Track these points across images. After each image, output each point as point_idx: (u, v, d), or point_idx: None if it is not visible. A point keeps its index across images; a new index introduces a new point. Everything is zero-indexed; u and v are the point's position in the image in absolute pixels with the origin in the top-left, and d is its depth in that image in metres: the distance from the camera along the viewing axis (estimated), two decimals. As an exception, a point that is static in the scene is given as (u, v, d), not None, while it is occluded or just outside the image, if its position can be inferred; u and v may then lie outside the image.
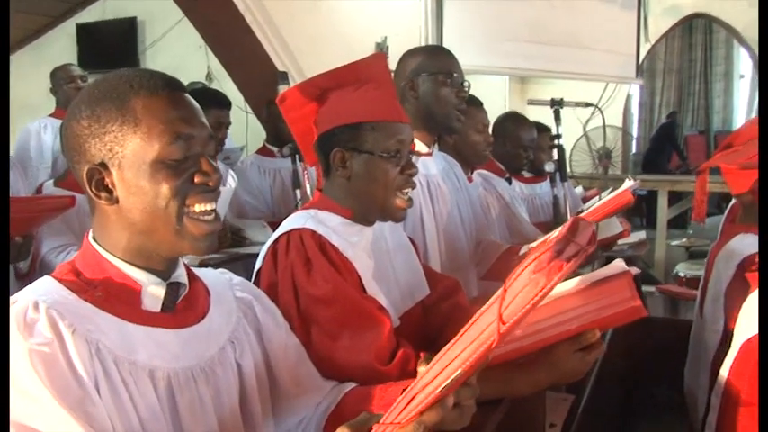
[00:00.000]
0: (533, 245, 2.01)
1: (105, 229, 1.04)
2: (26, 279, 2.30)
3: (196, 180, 1.03)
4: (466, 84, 2.02)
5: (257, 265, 1.47)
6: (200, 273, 1.19)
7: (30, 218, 1.95)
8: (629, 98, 8.25)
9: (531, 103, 2.45)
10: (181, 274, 1.10)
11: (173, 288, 1.07)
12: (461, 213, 2.13)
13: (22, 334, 0.91)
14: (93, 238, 1.06)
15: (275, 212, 3.22)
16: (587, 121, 6.84)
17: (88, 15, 5.63)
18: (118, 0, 5.51)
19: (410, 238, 1.74)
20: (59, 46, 5.66)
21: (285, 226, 1.47)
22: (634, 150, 9.52)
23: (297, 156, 2.77)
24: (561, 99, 2.36)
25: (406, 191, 1.50)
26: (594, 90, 6.07)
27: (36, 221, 2.01)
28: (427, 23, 4.97)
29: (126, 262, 1.04)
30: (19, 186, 2.30)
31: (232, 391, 1.13)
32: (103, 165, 1.00)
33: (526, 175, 3.34)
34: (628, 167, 8.06)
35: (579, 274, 1.24)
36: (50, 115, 3.83)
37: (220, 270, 1.27)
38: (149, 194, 1.00)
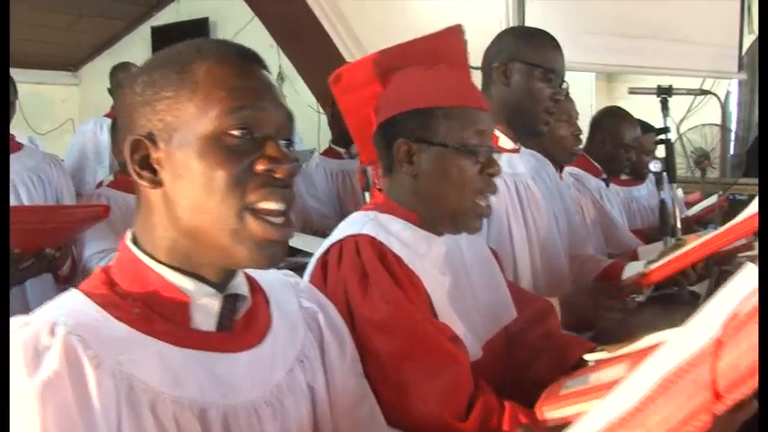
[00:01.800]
0: (640, 265, 1.69)
1: (147, 224, 0.82)
2: (68, 283, 2.15)
3: (258, 167, 0.79)
4: (565, 85, 1.73)
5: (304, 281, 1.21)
6: (259, 276, 0.94)
7: (57, 228, 1.78)
8: (727, 95, 7.66)
9: (632, 92, 2.10)
10: (240, 284, 0.86)
11: (230, 301, 0.84)
12: (557, 221, 1.82)
13: (27, 368, 0.69)
14: (134, 240, 0.84)
15: (344, 218, 2.98)
16: (681, 120, 6.34)
17: (162, 18, 5.58)
18: (190, 1, 5.44)
19: (492, 250, 1.45)
20: (135, 50, 5.63)
21: (338, 232, 1.21)
22: (732, 152, 8.85)
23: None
24: (670, 86, 2.01)
25: (485, 195, 1.21)
26: (689, 87, 5.59)
27: (66, 232, 1.84)
28: (508, 16, 4.68)
29: (171, 268, 0.81)
30: (61, 186, 2.13)
31: (304, 425, 0.88)
32: (151, 137, 0.80)
33: (623, 176, 2.98)
34: (727, 170, 7.48)
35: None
36: (106, 115, 3.75)
37: (284, 272, 1.01)
38: (200, 180, 0.78)
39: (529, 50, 1.73)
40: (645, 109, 2.94)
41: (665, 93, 2.02)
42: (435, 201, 1.22)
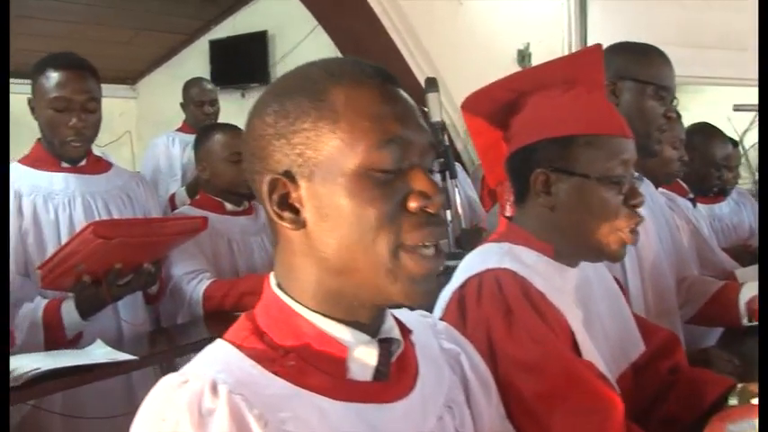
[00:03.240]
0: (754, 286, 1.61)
1: (290, 267, 0.77)
2: (155, 302, 2.14)
3: (411, 205, 0.73)
4: (675, 101, 1.66)
5: (435, 316, 1.16)
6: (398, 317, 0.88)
7: (158, 242, 1.76)
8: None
9: (737, 109, 2.01)
10: (392, 327, 0.80)
11: (384, 347, 0.78)
12: (663, 243, 1.74)
13: (195, 431, 0.65)
14: (278, 285, 0.78)
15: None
16: (745, 131, 6.16)
17: (220, 31, 5.62)
18: (248, 14, 5.46)
19: (615, 278, 1.39)
20: (193, 63, 5.68)
21: (473, 264, 1.15)
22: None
23: (447, 172, 2.45)
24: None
25: (629, 227, 1.15)
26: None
27: (166, 246, 1.83)
28: (570, 28, 4.62)
29: (323, 315, 0.75)
30: (149, 205, 2.12)
31: None
32: (289, 175, 0.73)
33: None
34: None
35: None
36: (177, 129, 3.76)
37: (419, 312, 0.96)
38: (348, 219, 0.72)
39: (638, 66, 1.65)
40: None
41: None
42: (575, 233, 1.15)
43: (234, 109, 5.06)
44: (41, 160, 1.98)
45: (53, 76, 1.91)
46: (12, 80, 5.11)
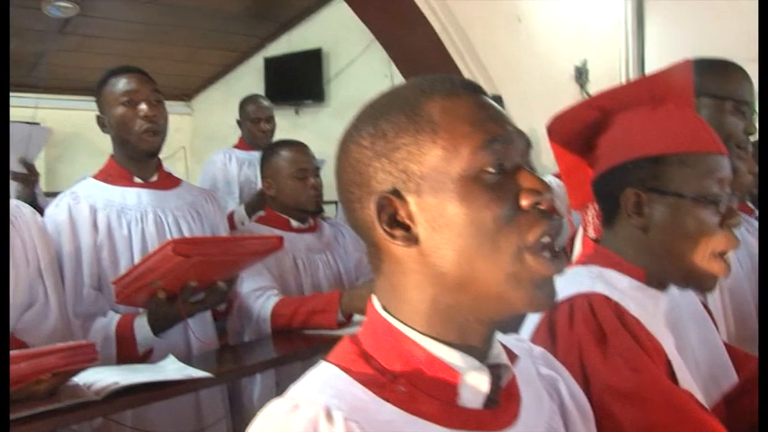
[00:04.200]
0: None
1: (398, 288, 0.75)
2: (223, 319, 2.15)
3: (524, 203, 0.72)
4: (755, 118, 1.61)
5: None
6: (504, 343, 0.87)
7: (234, 261, 1.77)
8: None
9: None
10: (500, 353, 0.79)
11: (494, 373, 0.76)
12: (742, 265, 1.69)
13: None
14: (383, 307, 0.77)
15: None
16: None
17: (275, 49, 5.69)
18: (302, 32, 5.52)
19: (703, 303, 1.34)
20: (248, 80, 5.76)
21: (562, 288, 1.11)
22: None
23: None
24: None
25: (727, 249, 1.11)
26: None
27: (240, 264, 1.83)
28: (627, 44, 4.55)
29: (434, 339, 0.74)
30: (217, 221, 2.14)
31: None
32: (396, 192, 0.73)
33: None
34: None
35: None
36: (234, 146, 3.79)
37: (515, 336, 0.95)
38: (465, 227, 0.71)
39: (715, 82, 1.61)
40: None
41: None
42: (668, 256, 1.11)
43: (288, 126, 5.12)
44: (114, 175, 2.01)
45: (117, 80, 1.99)
46: (77, 97, 5.25)
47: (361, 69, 5.17)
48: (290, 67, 5.46)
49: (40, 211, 2.24)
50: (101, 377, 1.47)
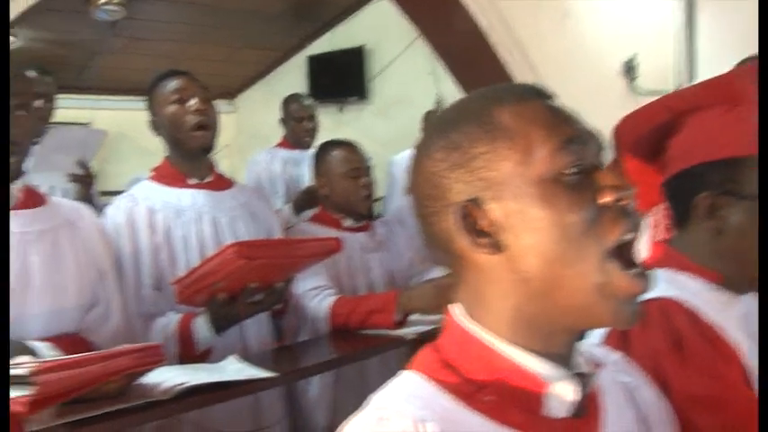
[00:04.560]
0: None
1: (483, 297, 0.75)
2: (279, 318, 2.16)
3: (605, 199, 0.71)
4: None
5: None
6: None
7: (294, 263, 1.78)
8: None
9: None
10: (584, 360, 0.78)
11: (578, 382, 0.75)
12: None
13: None
14: (466, 316, 0.76)
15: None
16: None
17: (317, 47, 5.71)
18: (345, 30, 5.53)
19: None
20: (290, 78, 5.79)
21: None
22: None
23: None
24: None
25: None
26: None
27: (300, 266, 1.84)
28: (678, 38, 4.46)
29: (519, 347, 0.73)
30: (271, 221, 2.15)
31: None
32: (475, 201, 0.73)
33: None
34: None
35: None
36: (277, 145, 3.81)
37: (590, 341, 0.94)
38: (550, 231, 0.70)
39: None
40: None
41: None
42: (743, 259, 1.09)
43: (332, 124, 5.14)
44: (169, 177, 2.04)
45: (166, 82, 2.03)
46: (124, 97, 5.34)
47: (405, 66, 5.16)
48: (333, 65, 5.47)
49: (97, 212, 2.29)
50: (166, 377, 1.50)
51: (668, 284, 1.08)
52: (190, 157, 2.02)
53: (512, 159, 0.72)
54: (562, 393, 0.73)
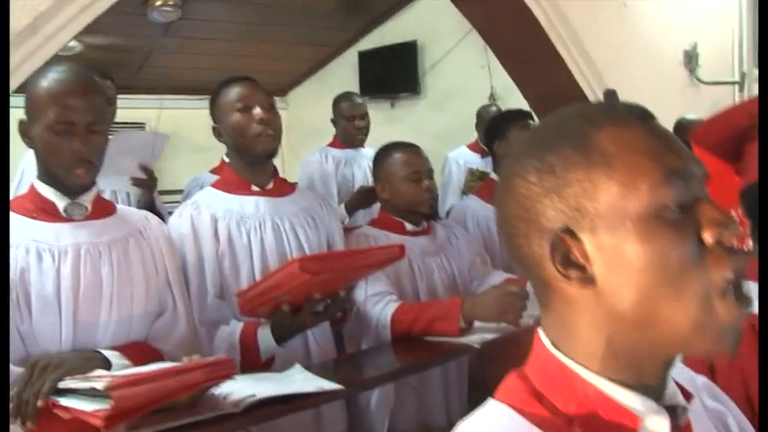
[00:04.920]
0: None
1: (571, 327, 0.72)
2: (340, 326, 2.16)
3: (709, 238, 0.67)
4: None
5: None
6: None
7: (356, 273, 1.78)
8: None
9: None
10: (675, 392, 0.74)
11: (672, 416, 0.71)
12: None
13: None
14: (553, 344, 0.74)
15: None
16: None
17: (368, 42, 5.70)
18: (396, 25, 5.50)
19: None
20: (341, 74, 5.81)
21: None
22: None
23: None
24: None
25: None
26: None
27: (363, 274, 1.84)
28: (741, 26, 4.30)
29: (609, 380, 0.70)
30: (333, 227, 2.15)
31: None
32: (568, 230, 0.69)
33: None
34: None
35: None
36: (328, 145, 3.80)
37: (678, 365, 0.89)
38: (648, 268, 0.66)
39: None
40: None
41: None
42: None
43: (383, 119, 5.12)
44: (232, 184, 2.05)
45: (230, 90, 2.03)
46: (178, 96, 5.41)
47: (457, 61, 5.11)
48: (385, 60, 5.45)
49: (159, 216, 2.32)
50: (234, 387, 1.51)
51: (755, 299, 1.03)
52: (253, 164, 2.03)
53: (610, 190, 0.68)
54: (656, 428, 0.69)
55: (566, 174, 0.69)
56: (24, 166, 2.76)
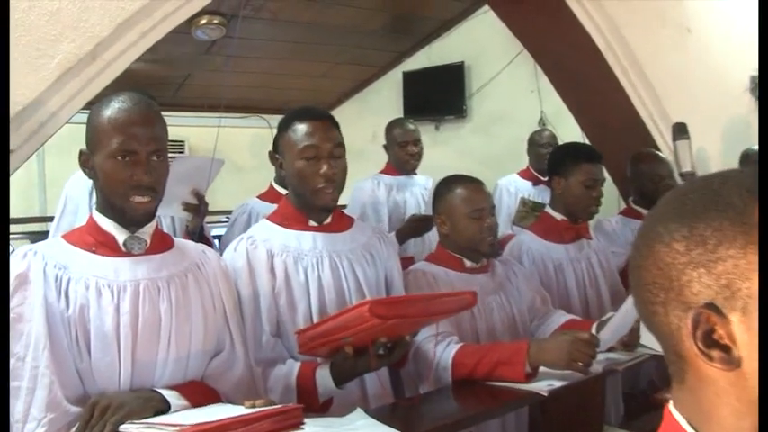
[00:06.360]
0: None
1: (709, 408, 0.67)
2: (400, 368, 2.08)
3: None
4: None
5: None
6: None
7: (426, 318, 1.70)
8: None
9: None
10: None
11: None
12: None
13: None
14: (688, 422, 0.69)
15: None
16: None
17: (413, 63, 5.65)
18: (442, 46, 5.44)
19: None
20: (384, 95, 5.76)
21: None
22: None
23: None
24: None
25: None
26: None
27: (432, 320, 1.77)
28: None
29: None
30: (392, 263, 2.08)
31: None
32: (714, 307, 0.65)
33: None
34: None
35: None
36: (381, 172, 3.74)
37: None
38: None
39: None
40: None
41: None
42: None
43: (427, 141, 5.02)
44: (290, 218, 1.99)
45: (301, 128, 1.92)
46: (217, 115, 5.38)
47: (506, 84, 5.03)
48: (430, 81, 5.39)
49: (207, 243, 2.25)
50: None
51: None
52: (310, 207, 1.97)
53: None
54: None
55: (718, 248, 0.65)
56: (68, 193, 2.75)
